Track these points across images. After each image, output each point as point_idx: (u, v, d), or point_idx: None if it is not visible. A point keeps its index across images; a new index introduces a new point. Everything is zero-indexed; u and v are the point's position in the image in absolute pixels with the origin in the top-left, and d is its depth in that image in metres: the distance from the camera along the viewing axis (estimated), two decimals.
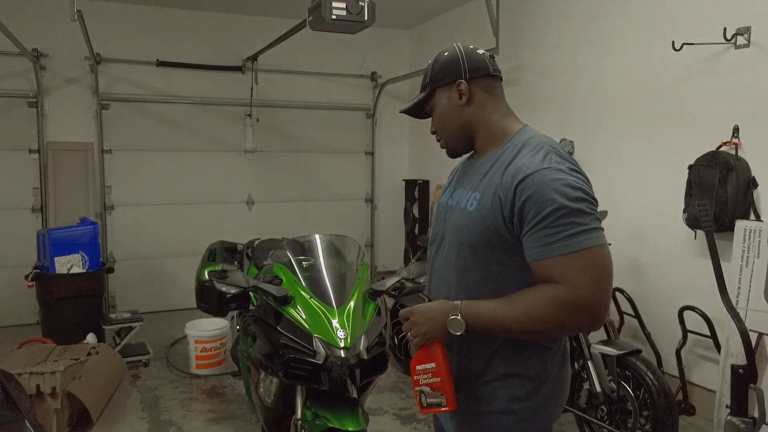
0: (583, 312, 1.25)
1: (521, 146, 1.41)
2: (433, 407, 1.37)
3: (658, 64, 3.76)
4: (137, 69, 5.78)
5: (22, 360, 3.45)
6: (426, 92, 1.54)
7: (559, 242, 1.26)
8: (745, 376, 2.67)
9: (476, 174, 1.48)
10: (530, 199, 1.28)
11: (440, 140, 1.57)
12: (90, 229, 4.71)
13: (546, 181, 1.28)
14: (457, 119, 1.51)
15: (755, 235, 3.08)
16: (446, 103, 1.52)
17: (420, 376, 1.38)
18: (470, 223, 1.41)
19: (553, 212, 1.26)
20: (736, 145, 3.28)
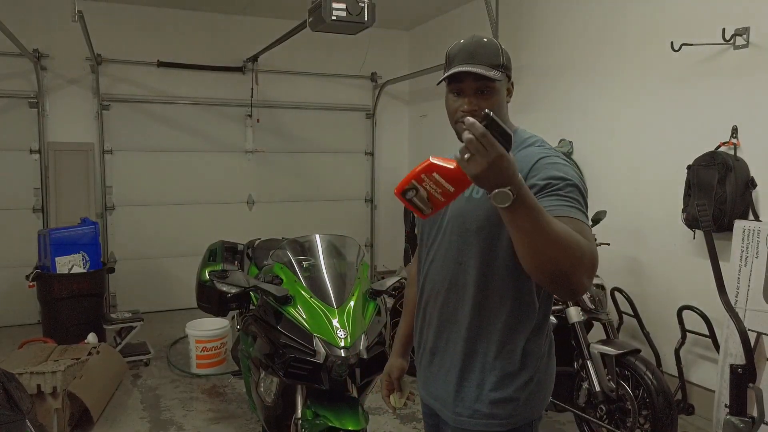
0: (591, 267, 1.25)
1: (524, 140, 1.52)
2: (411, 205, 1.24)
3: (657, 64, 3.77)
4: (138, 69, 5.79)
5: (23, 360, 3.46)
6: (501, 73, 1.49)
7: (572, 208, 1.33)
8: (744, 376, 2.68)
9: None
10: (546, 170, 1.38)
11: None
12: (91, 229, 4.72)
13: (558, 164, 1.41)
14: (505, 113, 1.55)
15: (754, 235, 3.08)
16: (504, 94, 1.54)
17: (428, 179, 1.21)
18: (476, 209, 1.46)
19: (571, 186, 1.36)
20: (735, 145, 3.29)
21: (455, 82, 1.50)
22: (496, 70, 1.47)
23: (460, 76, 1.48)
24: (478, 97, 1.48)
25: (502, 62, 1.50)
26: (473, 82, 1.47)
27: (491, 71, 1.46)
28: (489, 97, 1.49)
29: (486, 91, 1.48)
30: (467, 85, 1.48)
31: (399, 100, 6.90)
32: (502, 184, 1.17)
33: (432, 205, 1.23)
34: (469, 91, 1.49)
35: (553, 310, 3.23)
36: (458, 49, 1.52)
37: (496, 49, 1.51)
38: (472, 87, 1.48)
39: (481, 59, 1.47)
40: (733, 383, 2.70)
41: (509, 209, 1.19)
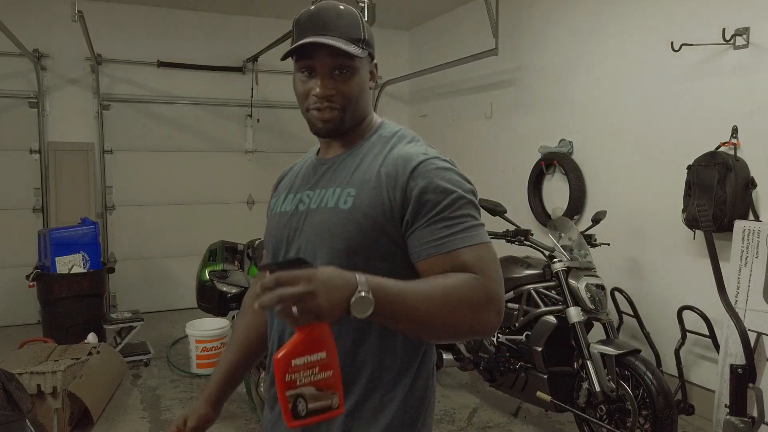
0: (494, 305, 1.08)
1: (392, 136, 1.27)
2: (317, 414, 0.99)
3: (657, 64, 3.77)
4: (138, 69, 5.80)
5: (23, 360, 3.46)
6: (361, 50, 1.21)
7: (464, 232, 1.11)
8: (744, 376, 2.68)
9: (341, 169, 1.25)
10: (427, 189, 1.12)
11: (331, 108, 1.21)
12: (91, 229, 4.72)
13: (440, 171, 1.15)
14: (368, 100, 1.28)
15: (754, 235, 3.08)
16: (365, 76, 1.26)
17: (299, 374, 0.98)
18: (347, 223, 1.16)
19: (454, 202, 1.12)
20: (735, 145, 3.29)
21: (305, 57, 1.20)
22: (356, 45, 1.19)
23: (310, 50, 1.18)
24: (335, 79, 1.20)
25: (363, 36, 1.22)
26: (328, 58, 1.18)
27: (350, 46, 1.18)
28: (348, 78, 1.20)
29: (344, 71, 1.20)
30: (320, 62, 1.19)
31: (399, 100, 6.89)
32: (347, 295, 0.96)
33: (333, 390, 0.99)
34: (323, 70, 1.19)
35: (552, 310, 3.23)
36: (307, 17, 1.21)
37: (355, 20, 1.22)
38: (326, 65, 1.19)
39: (336, 30, 1.18)
40: (733, 383, 2.70)
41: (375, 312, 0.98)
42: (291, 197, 1.34)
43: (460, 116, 5.85)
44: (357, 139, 1.29)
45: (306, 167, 1.38)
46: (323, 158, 1.33)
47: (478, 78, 5.50)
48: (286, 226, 1.28)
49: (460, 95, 5.81)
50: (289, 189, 1.37)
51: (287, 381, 0.97)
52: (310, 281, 0.94)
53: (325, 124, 1.22)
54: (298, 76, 1.24)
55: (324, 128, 1.23)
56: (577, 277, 3.19)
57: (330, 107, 1.21)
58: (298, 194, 1.32)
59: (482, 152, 5.47)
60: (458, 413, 3.67)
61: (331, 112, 1.21)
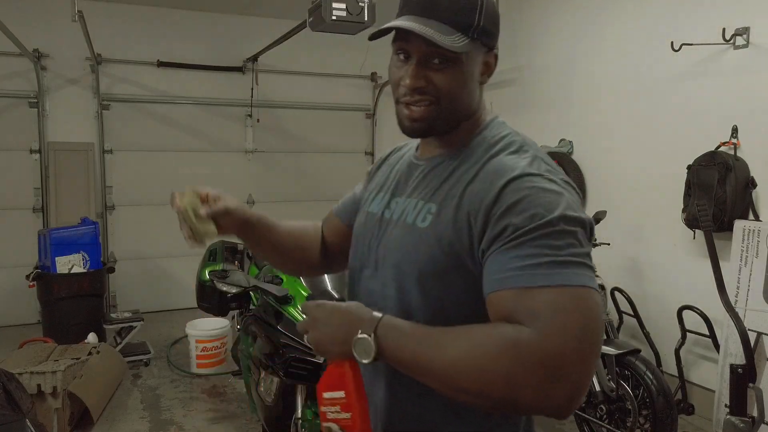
0: (552, 380, 0.79)
1: (496, 142, 1.04)
2: None
3: (657, 64, 3.77)
4: (138, 69, 5.79)
5: (23, 360, 3.46)
6: (466, 40, 0.97)
7: (538, 267, 0.85)
8: (744, 376, 2.68)
9: (431, 177, 1.07)
10: (512, 210, 0.90)
11: (423, 104, 1.01)
12: (91, 229, 4.72)
13: (537, 191, 0.91)
14: (472, 97, 1.04)
15: (754, 235, 3.08)
16: (473, 69, 1.01)
17: (327, 407, 0.95)
18: (420, 244, 0.99)
19: (539, 228, 0.87)
20: (735, 145, 3.29)
21: (400, 39, 1.01)
22: (460, 35, 0.97)
23: (404, 32, 0.98)
24: (431, 68, 0.99)
25: (477, 23, 0.98)
26: (424, 45, 0.97)
27: (451, 36, 0.96)
28: (447, 69, 0.99)
29: (444, 60, 0.98)
30: (415, 48, 0.99)
31: None
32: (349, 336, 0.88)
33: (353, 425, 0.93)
34: (418, 57, 0.99)
35: None
36: None
37: (472, 1, 0.98)
38: (420, 51, 0.99)
39: (441, 12, 0.97)
40: (733, 383, 2.70)
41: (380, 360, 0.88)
42: (381, 197, 1.17)
43: None
44: (458, 140, 1.07)
45: (403, 163, 1.19)
46: (419, 158, 1.14)
47: None
48: (370, 230, 1.14)
49: None
50: (382, 186, 1.19)
51: (322, 412, 0.96)
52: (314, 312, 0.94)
53: (413, 123, 1.02)
54: (394, 58, 1.05)
55: (410, 127, 1.03)
56: None
57: (420, 101, 1.00)
58: (386, 197, 1.15)
59: None
60: None
61: (420, 109, 1.01)
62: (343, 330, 0.90)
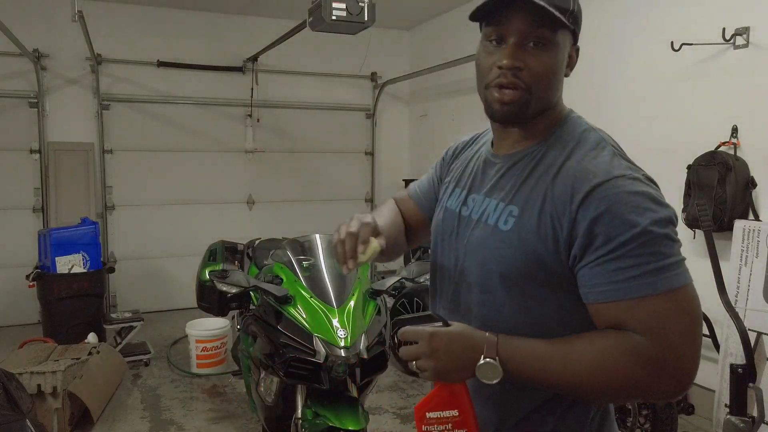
0: (672, 376, 0.90)
1: (576, 142, 1.05)
2: None
3: (656, 64, 3.77)
4: (138, 69, 5.79)
5: (23, 360, 3.46)
6: (565, 23, 0.98)
7: (640, 278, 0.90)
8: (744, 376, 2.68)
9: (509, 176, 1.08)
10: (602, 219, 0.92)
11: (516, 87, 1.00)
12: (91, 229, 4.72)
13: (624, 196, 0.93)
14: (559, 86, 1.07)
15: (754, 234, 3.08)
16: (563, 57, 1.04)
17: (433, 426, 0.99)
18: (503, 247, 1.02)
19: (634, 238, 0.90)
20: (735, 145, 3.29)
21: (496, 23, 0.99)
22: (564, 16, 0.97)
23: (506, 10, 0.97)
24: (528, 51, 0.98)
25: (574, 8, 1.00)
26: (525, 24, 0.97)
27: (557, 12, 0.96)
28: (543, 53, 0.99)
29: (541, 44, 0.98)
30: (513, 27, 0.98)
31: (399, 100, 6.90)
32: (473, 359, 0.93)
33: None
34: (517, 38, 0.98)
35: None
36: None
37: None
38: (520, 30, 0.97)
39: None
40: (733, 383, 2.70)
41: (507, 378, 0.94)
42: (458, 193, 1.19)
43: (460, 116, 5.85)
44: (537, 134, 1.07)
45: (477, 158, 1.20)
46: (495, 154, 1.14)
47: None
48: (449, 226, 1.17)
49: (460, 95, 5.81)
50: (458, 181, 1.21)
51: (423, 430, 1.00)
52: (431, 341, 0.95)
53: (503, 107, 1.02)
54: (484, 45, 1.03)
55: (501, 111, 1.03)
56: None
57: (514, 84, 1.00)
58: (463, 192, 1.17)
59: None
60: None
61: (513, 92, 1.00)
62: (466, 356, 0.94)
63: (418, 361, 0.96)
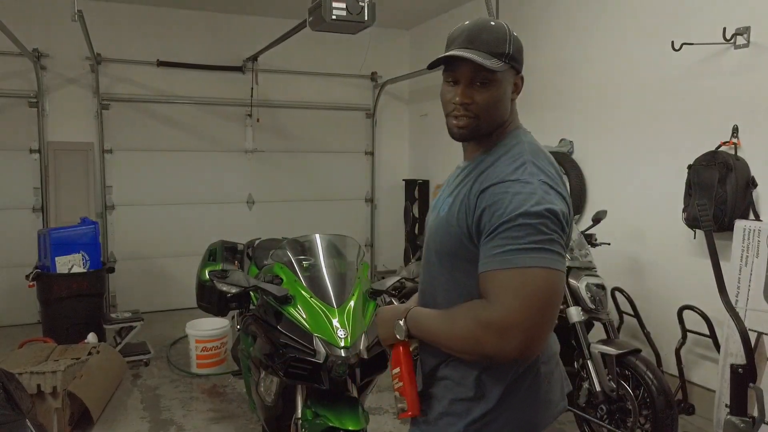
0: (506, 338, 1.13)
1: (504, 153, 1.34)
2: (401, 412, 1.37)
3: (657, 64, 3.77)
4: (138, 69, 5.79)
5: (23, 359, 3.45)
6: (502, 64, 1.29)
7: (499, 256, 1.17)
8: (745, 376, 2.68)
9: (458, 177, 1.41)
10: (488, 209, 1.22)
11: (467, 116, 1.33)
12: (91, 229, 4.72)
13: (507, 193, 1.21)
14: (505, 110, 1.35)
15: (754, 234, 3.08)
16: (506, 88, 1.34)
17: (394, 381, 1.38)
18: (439, 230, 1.35)
19: (504, 223, 1.17)
20: (736, 144, 3.29)
21: (450, 69, 1.34)
22: (497, 59, 1.29)
23: (455, 62, 1.31)
24: (474, 89, 1.31)
25: (508, 51, 1.31)
26: (468, 71, 1.30)
27: (490, 60, 1.27)
28: (486, 89, 1.31)
29: (484, 83, 1.30)
30: (462, 74, 1.31)
31: (399, 99, 6.89)
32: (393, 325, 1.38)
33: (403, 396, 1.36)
34: (464, 81, 1.32)
35: None
36: (459, 32, 1.34)
37: (502, 35, 1.31)
38: (466, 76, 1.31)
39: (481, 45, 1.29)
40: (734, 383, 2.70)
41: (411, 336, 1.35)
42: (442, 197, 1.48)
43: None
44: (487, 144, 1.38)
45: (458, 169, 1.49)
46: (465, 161, 1.45)
47: None
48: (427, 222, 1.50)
49: None
50: (446, 187, 1.49)
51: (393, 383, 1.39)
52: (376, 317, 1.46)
53: (459, 130, 1.36)
54: (444, 84, 1.37)
55: (458, 133, 1.37)
56: (578, 277, 3.19)
57: (465, 115, 1.33)
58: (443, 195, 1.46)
59: None
60: None
61: (466, 119, 1.33)
62: (389, 321, 1.38)
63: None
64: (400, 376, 1.35)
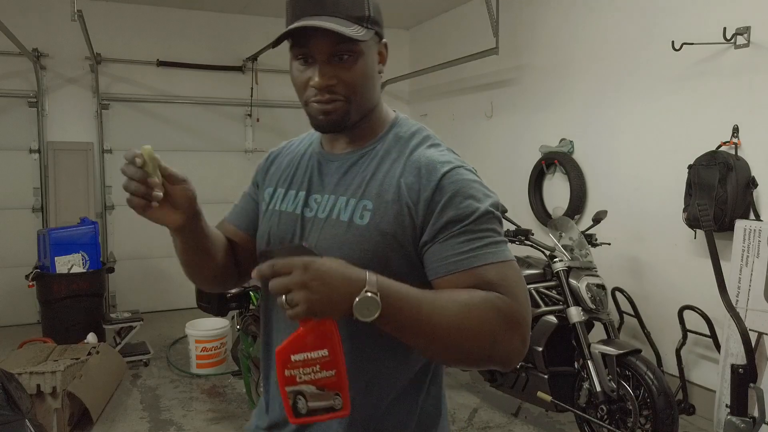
0: (519, 332, 0.98)
1: (410, 137, 1.12)
2: (318, 414, 0.94)
3: (657, 63, 3.77)
4: (137, 69, 5.79)
5: (22, 360, 3.45)
6: (365, 30, 1.03)
7: (486, 248, 1.00)
8: (745, 376, 2.68)
9: (353, 173, 1.11)
10: (452, 202, 1.01)
11: (334, 100, 1.05)
12: (90, 229, 4.71)
13: (467, 181, 1.04)
14: (375, 86, 1.10)
15: (755, 234, 3.08)
16: (373, 60, 1.08)
17: (298, 370, 0.93)
18: (363, 241, 1.04)
19: (479, 216, 1.01)
20: (736, 144, 3.29)
21: (300, 44, 1.04)
22: (359, 26, 1.02)
23: (306, 34, 1.02)
24: (335, 66, 1.03)
25: (368, 13, 1.04)
26: (325, 43, 1.01)
27: (351, 27, 1.00)
28: (351, 64, 1.03)
29: (346, 56, 1.03)
30: (317, 48, 1.02)
31: (399, 99, 6.88)
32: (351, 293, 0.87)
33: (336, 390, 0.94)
34: (321, 57, 1.03)
35: (553, 310, 3.23)
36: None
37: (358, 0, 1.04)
38: (323, 51, 1.02)
39: (336, 8, 1.01)
40: (734, 383, 2.70)
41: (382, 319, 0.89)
42: (292, 195, 1.18)
43: (460, 116, 5.84)
44: (368, 134, 1.13)
45: (308, 159, 1.20)
46: (330, 153, 1.16)
47: (478, 77, 5.49)
48: (290, 229, 1.14)
49: (460, 94, 5.81)
50: (289, 183, 1.20)
51: (287, 376, 0.93)
52: (306, 271, 0.86)
53: (327, 117, 1.06)
54: (295, 64, 1.08)
55: (326, 121, 1.07)
56: (578, 277, 3.19)
57: (332, 98, 1.04)
58: (301, 193, 1.16)
59: (482, 152, 5.47)
60: (459, 413, 3.66)
61: (333, 103, 1.05)
62: (343, 289, 0.88)
63: (290, 294, 0.86)
64: (326, 362, 0.93)
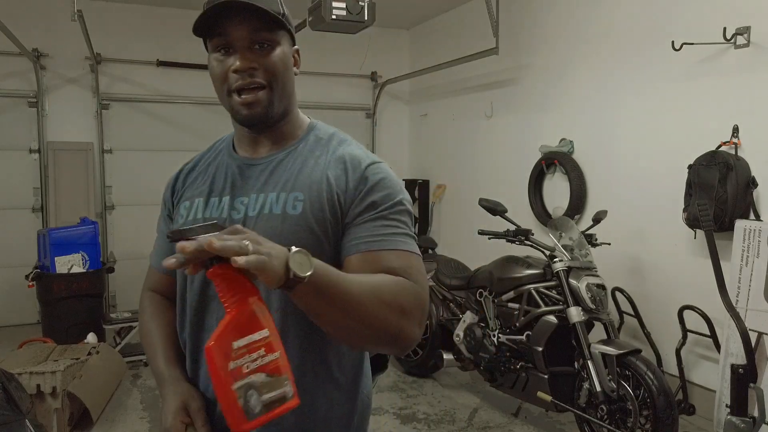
0: (422, 314, 1.04)
1: (329, 139, 1.20)
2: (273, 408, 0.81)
3: (657, 63, 3.77)
4: (137, 69, 5.79)
5: (22, 360, 3.45)
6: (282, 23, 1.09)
7: (399, 236, 1.08)
8: (745, 376, 2.68)
9: (279, 172, 1.15)
10: (374, 189, 1.09)
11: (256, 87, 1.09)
12: (90, 229, 4.72)
13: (387, 174, 1.13)
14: (292, 85, 1.17)
15: (755, 234, 3.08)
16: (288, 53, 1.13)
17: (244, 359, 0.80)
18: (298, 230, 1.08)
19: (395, 205, 1.09)
20: (736, 144, 3.29)
21: (219, 33, 1.08)
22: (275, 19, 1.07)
23: (224, 24, 1.05)
24: (255, 53, 1.07)
25: (283, 11, 1.11)
26: (245, 30, 1.05)
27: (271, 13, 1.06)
28: (270, 52, 1.08)
29: (265, 45, 1.07)
30: (237, 37, 1.06)
31: (399, 99, 6.89)
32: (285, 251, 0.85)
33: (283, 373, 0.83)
34: (242, 44, 1.06)
35: (553, 310, 3.23)
36: None
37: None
38: (244, 37, 1.06)
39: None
40: (734, 383, 2.70)
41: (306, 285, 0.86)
42: (215, 201, 1.17)
43: (460, 116, 5.84)
44: (288, 137, 1.19)
45: (225, 167, 1.22)
46: (252, 158, 1.19)
47: (478, 77, 5.49)
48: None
49: (461, 95, 5.81)
50: (209, 192, 1.20)
51: (232, 370, 0.78)
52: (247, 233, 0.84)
53: (251, 109, 1.09)
54: (214, 57, 1.12)
55: (250, 114, 1.10)
56: (578, 277, 3.19)
57: (253, 84, 1.08)
58: (225, 198, 1.16)
59: (482, 152, 5.47)
60: (459, 413, 3.66)
61: (256, 92, 1.08)
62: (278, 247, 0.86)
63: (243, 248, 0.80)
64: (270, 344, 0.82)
